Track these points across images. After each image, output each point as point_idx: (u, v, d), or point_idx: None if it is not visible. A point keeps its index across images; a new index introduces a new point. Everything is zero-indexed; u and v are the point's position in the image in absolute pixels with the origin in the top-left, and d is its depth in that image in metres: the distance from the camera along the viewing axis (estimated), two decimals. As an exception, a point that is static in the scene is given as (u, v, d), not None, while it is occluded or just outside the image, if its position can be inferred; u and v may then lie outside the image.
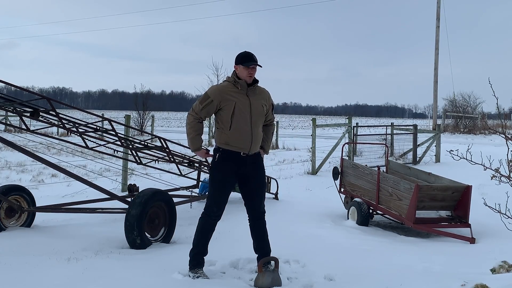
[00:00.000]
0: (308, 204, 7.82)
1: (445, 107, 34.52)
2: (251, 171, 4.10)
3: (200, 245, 4.07)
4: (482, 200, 4.18)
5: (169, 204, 5.36)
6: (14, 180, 9.16)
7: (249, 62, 4.00)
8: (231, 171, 4.03)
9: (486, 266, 4.10)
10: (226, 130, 3.99)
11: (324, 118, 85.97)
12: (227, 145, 4.01)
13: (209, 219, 4.07)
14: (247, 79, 4.02)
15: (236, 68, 4.07)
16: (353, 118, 14.37)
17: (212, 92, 4.02)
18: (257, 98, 4.10)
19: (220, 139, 4.05)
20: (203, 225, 4.08)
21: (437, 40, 21.93)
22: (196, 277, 3.93)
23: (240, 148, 4.00)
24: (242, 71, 4.01)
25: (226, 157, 4.02)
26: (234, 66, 4.09)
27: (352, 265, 4.48)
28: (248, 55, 4.05)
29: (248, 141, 3.99)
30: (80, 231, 5.58)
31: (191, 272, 3.99)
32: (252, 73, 4.03)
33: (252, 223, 4.21)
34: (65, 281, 3.73)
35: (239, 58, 4.06)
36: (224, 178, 4.04)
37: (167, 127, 38.74)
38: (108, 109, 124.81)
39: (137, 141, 6.72)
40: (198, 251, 4.07)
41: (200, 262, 4.06)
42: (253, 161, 4.09)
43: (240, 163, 4.02)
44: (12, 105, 5.16)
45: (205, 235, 4.08)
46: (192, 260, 4.06)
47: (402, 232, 6.37)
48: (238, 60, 4.05)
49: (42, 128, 5.75)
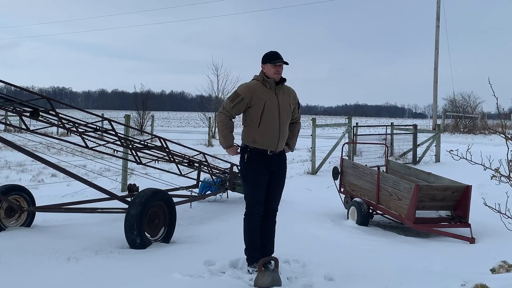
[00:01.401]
0: (308, 204, 7.82)
1: (445, 107, 34.56)
2: (277, 168, 4.23)
3: (252, 242, 4.19)
4: (482, 200, 4.18)
5: (169, 204, 5.36)
6: (14, 180, 9.16)
7: (276, 60, 4.11)
8: (261, 168, 4.14)
9: (486, 266, 4.11)
10: (255, 127, 4.08)
11: (324, 118, 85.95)
12: (254, 143, 4.11)
13: (253, 217, 4.19)
14: (275, 77, 4.13)
15: (263, 67, 4.17)
16: (353, 118, 14.35)
17: (243, 90, 4.11)
18: (285, 96, 4.21)
19: (247, 136, 4.15)
20: (250, 224, 4.20)
21: (437, 40, 21.96)
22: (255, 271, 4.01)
23: (267, 147, 4.11)
24: (270, 69, 4.12)
25: (254, 156, 4.13)
26: (261, 65, 4.20)
27: (352, 265, 4.48)
28: (275, 54, 4.17)
29: (275, 140, 4.11)
30: (80, 231, 5.58)
31: (250, 267, 4.15)
32: (280, 71, 4.14)
33: (263, 220, 4.28)
34: (65, 281, 3.73)
35: (267, 57, 4.17)
36: (257, 175, 4.15)
37: (167, 127, 38.73)
38: (108, 109, 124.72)
39: (137, 141, 6.72)
40: (252, 248, 4.19)
41: (256, 257, 4.16)
42: (278, 159, 4.22)
43: (267, 161, 4.14)
44: (12, 105, 5.16)
45: (254, 233, 4.20)
46: (249, 257, 4.20)
47: (402, 232, 6.37)
48: (265, 59, 4.17)
49: (42, 128, 5.75)
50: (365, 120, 73.46)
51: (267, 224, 4.31)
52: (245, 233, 4.22)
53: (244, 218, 4.23)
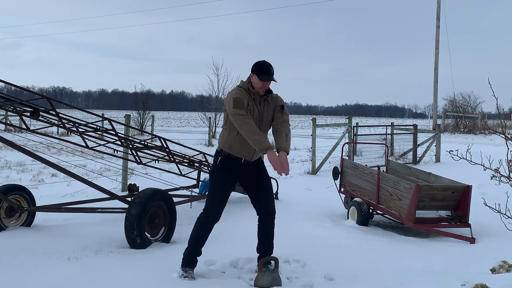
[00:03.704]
0: (308, 203, 7.82)
1: (445, 107, 34.54)
2: (253, 174, 4.11)
3: (195, 245, 4.03)
4: (482, 200, 4.18)
5: (169, 204, 5.36)
6: (14, 180, 9.16)
7: (265, 77, 3.90)
8: (231, 173, 4.04)
9: (486, 266, 4.10)
10: (233, 134, 3.95)
11: (324, 118, 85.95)
12: (230, 149, 4.00)
13: (207, 220, 4.02)
14: (260, 91, 3.96)
15: (252, 76, 3.98)
16: (353, 118, 14.35)
17: (238, 94, 3.91)
18: (269, 107, 4.06)
19: (225, 141, 4.03)
20: (201, 225, 4.03)
21: (437, 40, 21.95)
22: (183, 277, 3.90)
23: (243, 155, 4.00)
24: (257, 82, 3.93)
25: (227, 162, 4.02)
26: (250, 73, 4.00)
27: (352, 265, 4.48)
28: (266, 69, 3.93)
29: (251, 150, 3.98)
30: (80, 231, 5.58)
31: (182, 269, 3.97)
32: (266, 86, 3.96)
33: (261, 224, 4.17)
34: (65, 281, 3.73)
35: (257, 68, 3.95)
36: (224, 180, 4.03)
37: (167, 127, 38.73)
38: (108, 109, 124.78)
39: (137, 141, 6.73)
40: (193, 251, 4.04)
41: (192, 262, 4.03)
42: (254, 166, 4.11)
43: (240, 168, 4.04)
44: (12, 104, 5.16)
45: (201, 235, 4.04)
46: (185, 258, 4.03)
47: (402, 232, 6.37)
48: (254, 69, 3.95)
49: (42, 127, 5.75)
50: (365, 120, 73.45)
51: (267, 227, 4.16)
52: (192, 233, 4.04)
53: (198, 218, 4.05)
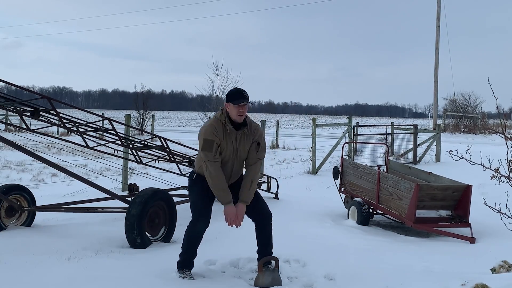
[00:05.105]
0: (308, 203, 7.82)
1: (445, 107, 34.52)
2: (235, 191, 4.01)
3: (189, 252, 4.02)
4: (482, 199, 4.18)
5: (169, 204, 5.36)
6: (15, 180, 9.16)
7: (239, 100, 3.86)
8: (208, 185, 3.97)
9: (486, 266, 4.10)
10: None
11: (324, 118, 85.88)
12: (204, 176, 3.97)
13: (195, 229, 3.97)
14: (238, 119, 3.89)
15: (227, 105, 3.93)
16: (353, 117, 14.36)
17: (210, 134, 3.87)
18: (246, 141, 4.00)
19: (200, 166, 4.00)
20: (191, 233, 3.99)
21: (437, 40, 21.95)
22: (182, 278, 3.92)
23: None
24: (233, 109, 3.88)
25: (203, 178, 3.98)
26: (225, 103, 3.96)
27: (352, 265, 4.48)
28: (239, 94, 3.90)
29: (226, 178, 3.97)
30: (80, 231, 5.58)
31: (179, 272, 3.99)
32: (243, 111, 3.90)
33: (258, 228, 4.12)
34: (65, 280, 3.73)
35: (230, 96, 3.93)
36: (203, 188, 3.97)
37: (168, 127, 38.74)
38: (109, 109, 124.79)
39: (137, 141, 6.73)
40: (188, 257, 4.04)
41: (189, 264, 4.04)
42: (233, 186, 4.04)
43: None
44: (13, 104, 5.16)
45: (193, 242, 4.02)
46: (181, 262, 4.04)
47: (402, 232, 6.37)
48: (228, 98, 3.93)
49: (43, 127, 5.75)
50: (366, 120, 73.42)
51: (264, 231, 4.11)
52: (184, 240, 4.02)
53: (187, 226, 4.02)
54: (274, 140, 19.86)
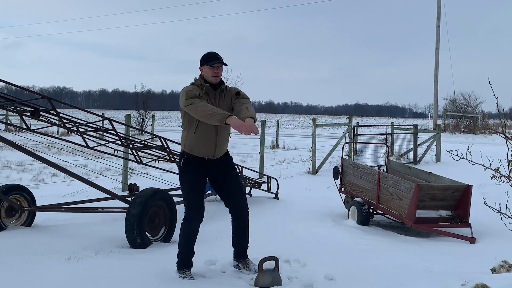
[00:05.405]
0: (309, 203, 7.82)
1: (445, 107, 34.52)
2: (220, 171, 4.07)
3: (186, 250, 4.04)
4: (483, 199, 4.18)
5: (170, 204, 5.37)
6: (15, 180, 9.16)
7: (214, 61, 3.90)
8: (197, 173, 4.00)
9: (486, 266, 4.10)
10: (191, 133, 3.93)
11: (324, 118, 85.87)
12: (191, 150, 3.97)
13: (190, 224, 4.01)
14: (213, 80, 3.93)
15: (202, 69, 3.97)
16: (353, 117, 14.36)
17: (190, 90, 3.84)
18: (224, 100, 3.98)
19: (185, 142, 4.00)
20: (186, 230, 4.03)
21: (437, 40, 21.93)
22: (182, 278, 3.93)
23: (204, 155, 3.97)
24: (208, 71, 3.93)
25: (190, 162, 3.98)
26: (199, 68, 3.99)
27: (353, 265, 4.48)
28: (213, 55, 3.95)
29: (211, 148, 3.96)
30: (80, 231, 5.58)
31: (179, 272, 4.00)
32: (218, 72, 3.94)
33: (235, 223, 4.18)
34: (65, 281, 3.73)
35: (204, 58, 3.96)
36: (193, 180, 3.99)
37: (168, 127, 38.73)
38: (109, 109, 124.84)
39: (137, 141, 6.73)
40: (185, 256, 4.05)
41: (188, 264, 4.05)
42: (219, 163, 4.06)
43: (205, 166, 4.00)
44: (13, 104, 5.16)
45: (189, 240, 4.04)
46: (179, 262, 4.05)
47: (403, 232, 6.37)
48: (203, 61, 3.96)
49: (43, 127, 5.75)
50: (366, 120, 73.43)
51: (240, 227, 4.16)
52: (180, 238, 4.05)
53: (181, 223, 4.06)
54: (274, 140, 19.86)
